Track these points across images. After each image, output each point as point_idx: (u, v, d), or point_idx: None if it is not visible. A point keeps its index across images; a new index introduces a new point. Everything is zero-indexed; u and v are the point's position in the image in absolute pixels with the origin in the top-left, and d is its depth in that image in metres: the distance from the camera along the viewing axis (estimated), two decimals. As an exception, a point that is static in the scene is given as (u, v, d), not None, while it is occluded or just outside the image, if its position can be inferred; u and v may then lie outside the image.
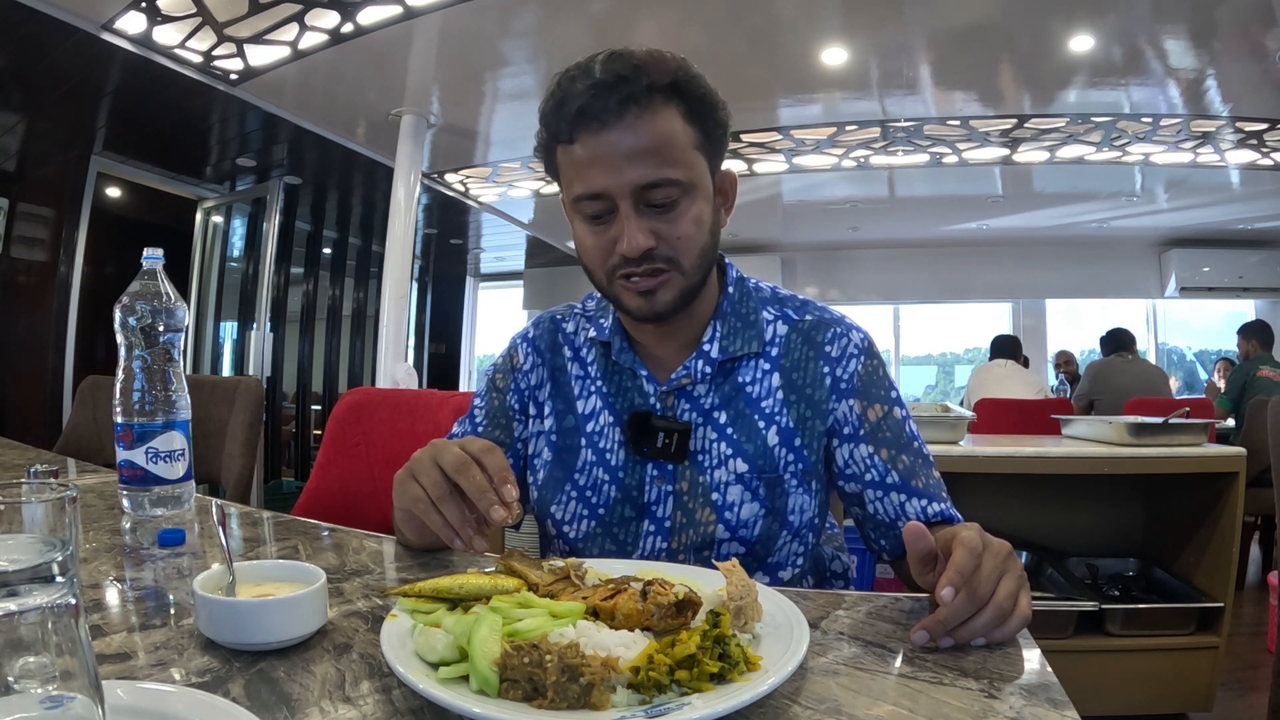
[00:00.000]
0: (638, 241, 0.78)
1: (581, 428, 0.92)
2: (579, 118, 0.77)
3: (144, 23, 3.13)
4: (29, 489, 0.51)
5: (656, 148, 0.77)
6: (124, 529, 0.94)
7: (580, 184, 0.80)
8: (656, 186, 0.78)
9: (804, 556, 0.91)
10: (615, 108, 0.76)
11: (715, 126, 0.82)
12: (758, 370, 0.89)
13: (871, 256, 7.88)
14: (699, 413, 0.88)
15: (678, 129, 0.78)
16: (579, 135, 0.78)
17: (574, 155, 0.79)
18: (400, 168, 4.23)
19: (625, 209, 0.79)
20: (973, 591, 0.58)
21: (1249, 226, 6.53)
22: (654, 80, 0.77)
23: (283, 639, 0.56)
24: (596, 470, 0.90)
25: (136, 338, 0.97)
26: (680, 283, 0.82)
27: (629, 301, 0.84)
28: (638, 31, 3.34)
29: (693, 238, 0.81)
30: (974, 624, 0.58)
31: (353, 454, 1.41)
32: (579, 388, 0.94)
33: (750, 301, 0.92)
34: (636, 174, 0.77)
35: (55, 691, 0.32)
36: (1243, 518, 2.02)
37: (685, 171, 0.79)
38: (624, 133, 0.76)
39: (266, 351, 5.01)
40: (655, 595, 0.52)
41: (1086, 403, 4.21)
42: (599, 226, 0.82)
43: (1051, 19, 3.14)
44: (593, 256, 0.83)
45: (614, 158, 0.77)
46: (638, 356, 0.91)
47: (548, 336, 0.98)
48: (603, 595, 0.55)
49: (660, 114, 0.77)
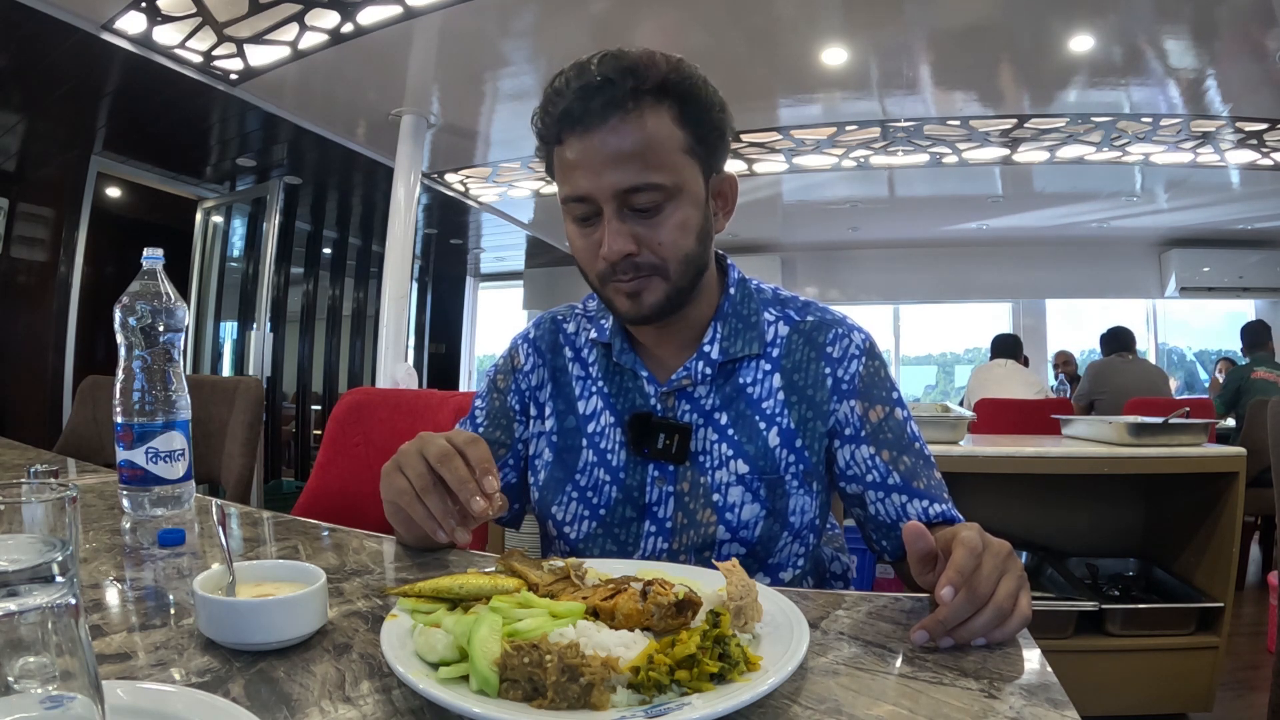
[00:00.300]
0: (616, 246, 0.78)
1: (583, 428, 0.92)
2: (564, 119, 0.77)
3: (144, 23, 3.13)
4: (29, 489, 0.51)
5: (640, 152, 0.76)
6: (124, 529, 0.94)
7: (567, 185, 0.80)
8: (639, 191, 0.77)
9: (805, 558, 0.91)
10: (599, 110, 0.76)
11: (709, 130, 0.81)
12: (759, 371, 0.89)
13: (871, 256, 7.88)
14: (700, 414, 0.88)
15: (665, 133, 0.77)
16: (566, 137, 0.78)
17: (563, 157, 0.80)
18: (400, 168, 4.23)
19: (608, 213, 0.79)
20: (972, 591, 0.58)
21: (1249, 226, 6.53)
22: (641, 83, 0.76)
23: (283, 639, 0.56)
24: (598, 471, 0.90)
25: (136, 338, 0.97)
26: (664, 287, 0.82)
27: (618, 304, 0.84)
28: (638, 31, 3.34)
29: (676, 243, 0.80)
30: (974, 624, 0.58)
31: (353, 454, 1.41)
32: (580, 388, 0.94)
33: (751, 303, 0.92)
34: (618, 178, 0.77)
35: (55, 691, 0.32)
36: (1243, 518, 2.02)
37: (670, 176, 0.78)
38: (607, 135, 0.76)
39: (266, 351, 5.01)
40: (655, 595, 0.52)
41: (1087, 403, 4.21)
42: (587, 228, 0.82)
43: (1051, 19, 3.14)
44: (583, 258, 0.84)
45: (596, 161, 0.77)
46: (638, 357, 0.91)
47: (549, 337, 0.98)
48: (603, 595, 0.55)
49: (647, 117, 0.76)
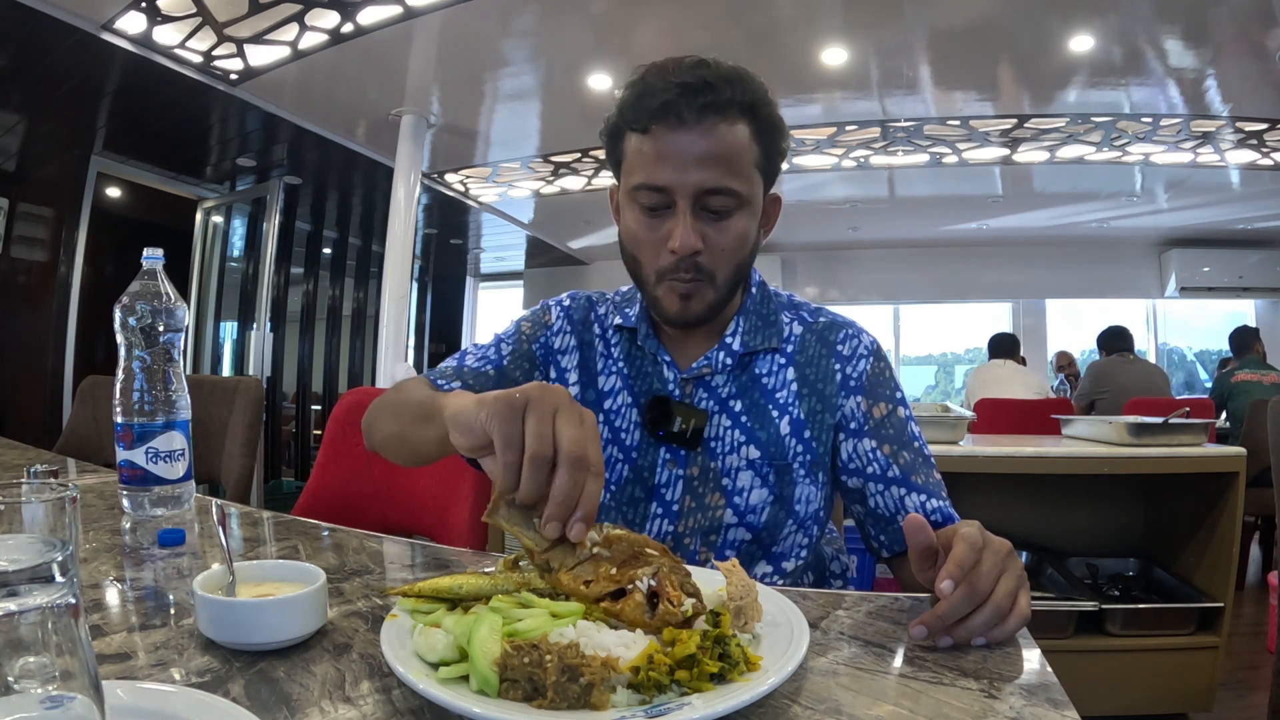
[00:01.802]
0: (690, 241, 0.82)
1: (600, 404, 0.94)
2: (661, 111, 0.80)
3: (144, 23, 3.13)
4: (29, 489, 0.51)
5: (725, 157, 0.81)
6: (124, 529, 0.94)
7: (643, 173, 0.83)
8: (717, 193, 0.82)
9: (808, 549, 0.93)
10: (697, 110, 0.79)
11: (777, 153, 0.87)
12: (774, 364, 0.92)
13: (871, 256, 7.88)
14: (715, 401, 0.91)
15: (745, 144, 0.82)
16: (654, 128, 0.81)
17: (644, 146, 0.82)
18: (400, 168, 4.23)
19: (683, 207, 0.82)
20: (972, 587, 0.58)
21: (1249, 226, 6.53)
22: (737, 95, 0.81)
23: (283, 639, 0.56)
24: (611, 448, 0.92)
25: (136, 338, 0.97)
26: (711, 296, 0.86)
27: (667, 303, 0.87)
28: (638, 32, 3.34)
29: (734, 251, 0.85)
30: (972, 621, 0.58)
31: (353, 454, 1.41)
32: (601, 364, 0.96)
33: (770, 303, 0.97)
34: (702, 177, 0.81)
35: (55, 691, 0.32)
36: (1243, 518, 2.02)
37: (744, 185, 0.83)
38: (699, 136, 0.80)
39: (266, 351, 5.01)
40: (664, 612, 0.51)
41: (1087, 403, 4.22)
42: (653, 220, 0.84)
43: (1051, 19, 3.14)
44: (644, 250, 0.86)
45: (684, 157, 0.80)
46: (661, 344, 0.93)
47: (581, 311, 1.01)
48: (605, 589, 0.53)
49: (735, 127, 0.81)
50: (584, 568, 0.55)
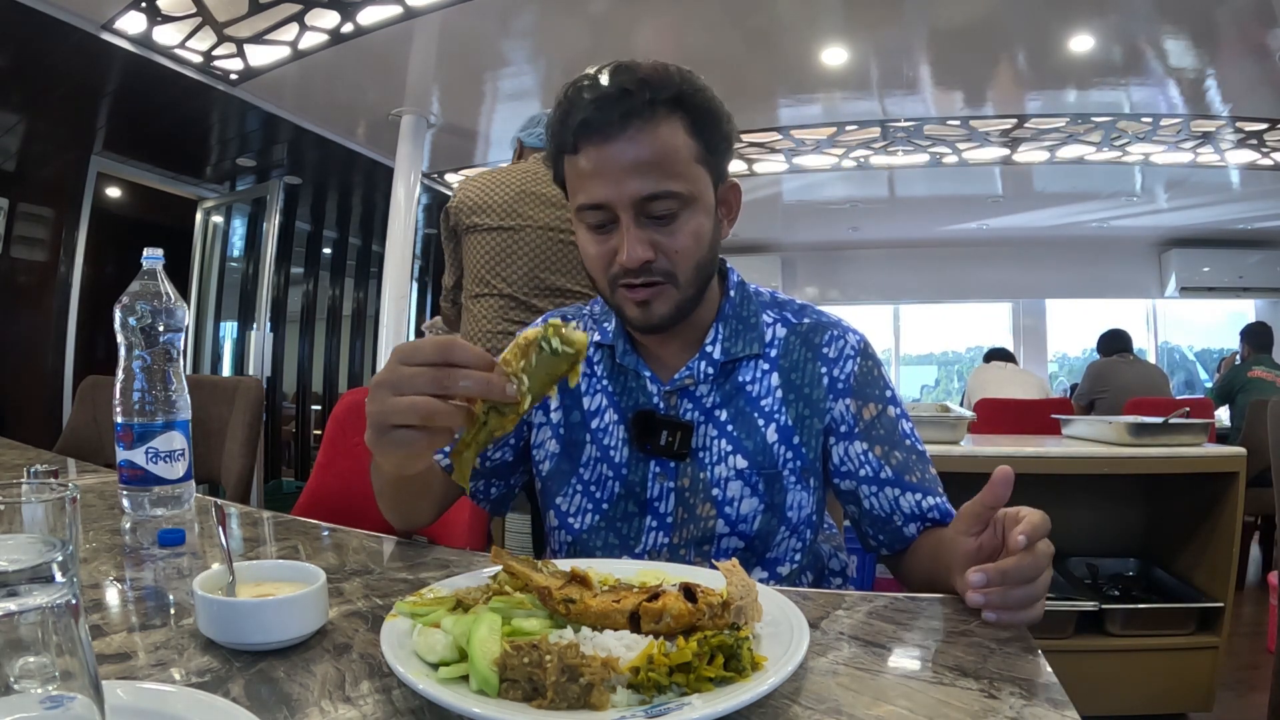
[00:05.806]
0: (636, 253, 0.80)
1: (587, 423, 0.93)
2: (582, 129, 0.79)
3: (144, 23, 3.13)
4: (29, 489, 0.51)
5: (658, 161, 0.79)
6: (124, 529, 0.94)
7: (583, 194, 0.82)
8: (657, 199, 0.80)
9: (802, 553, 0.93)
10: (618, 120, 0.78)
11: (719, 140, 0.84)
12: (757, 370, 0.91)
13: (871, 256, 7.87)
14: (701, 411, 0.90)
15: (679, 142, 0.80)
16: (582, 146, 0.80)
17: (578, 166, 0.81)
18: (400, 168, 4.23)
19: (626, 220, 0.80)
20: (1035, 555, 0.63)
21: (1249, 226, 6.53)
22: (657, 94, 0.78)
23: (283, 639, 0.56)
24: (601, 466, 0.92)
25: (136, 338, 0.97)
26: (675, 296, 0.84)
27: (628, 311, 0.86)
28: (637, 32, 3.34)
29: (690, 251, 0.83)
30: (1015, 592, 0.63)
31: (353, 454, 1.41)
32: (585, 384, 0.95)
33: (750, 305, 0.94)
34: (637, 186, 0.79)
35: (55, 691, 0.32)
36: (1243, 518, 2.02)
37: (686, 184, 0.81)
38: (626, 145, 0.78)
39: (266, 351, 5.01)
40: (705, 595, 0.52)
41: (1087, 403, 4.22)
42: (601, 236, 0.83)
43: (1051, 19, 3.13)
44: (595, 265, 0.86)
45: (615, 170, 0.79)
46: (641, 358, 0.92)
47: None
48: (639, 599, 0.53)
49: (663, 127, 0.79)
50: (605, 595, 0.55)
